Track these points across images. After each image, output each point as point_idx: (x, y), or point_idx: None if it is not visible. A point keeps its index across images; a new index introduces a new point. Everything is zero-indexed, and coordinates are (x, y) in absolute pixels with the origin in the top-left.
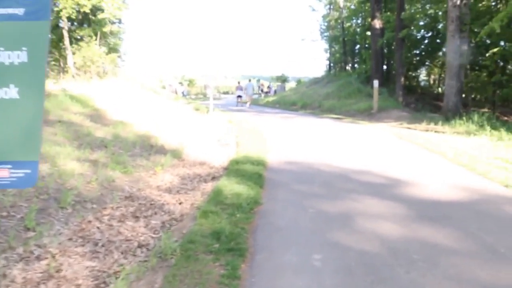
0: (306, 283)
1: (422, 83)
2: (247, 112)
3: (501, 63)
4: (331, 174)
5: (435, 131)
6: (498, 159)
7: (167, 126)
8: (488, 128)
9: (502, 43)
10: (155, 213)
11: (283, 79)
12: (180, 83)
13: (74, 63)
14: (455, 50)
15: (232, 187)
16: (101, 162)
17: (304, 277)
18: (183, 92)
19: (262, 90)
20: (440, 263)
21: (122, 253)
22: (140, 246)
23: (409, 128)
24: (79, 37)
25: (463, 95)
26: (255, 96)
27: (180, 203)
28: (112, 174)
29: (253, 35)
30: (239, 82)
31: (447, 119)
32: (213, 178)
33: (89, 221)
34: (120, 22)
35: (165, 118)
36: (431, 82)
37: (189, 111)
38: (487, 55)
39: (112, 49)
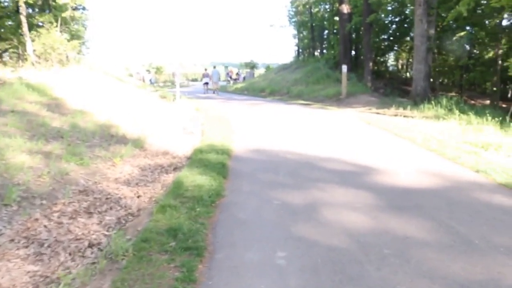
0: (269, 286)
1: (391, 68)
2: (215, 99)
3: (468, 47)
4: (297, 162)
5: (404, 116)
6: (467, 143)
7: (131, 114)
8: (456, 112)
9: (467, 28)
10: (111, 208)
11: (252, 66)
12: (148, 70)
13: (34, 50)
14: (422, 34)
15: (194, 178)
16: (55, 154)
17: (266, 278)
18: (150, 80)
19: (230, 77)
20: (412, 258)
21: (70, 254)
22: (91, 245)
23: (378, 113)
24: (40, 24)
25: (431, 80)
26: (224, 83)
27: (138, 197)
28: (67, 166)
29: (222, 22)
30: (205, 69)
31: (415, 104)
32: (175, 169)
33: (36, 219)
34: (84, 8)
35: (129, 106)
36: (400, 67)
37: (155, 99)
38: (454, 38)
39: (75, 36)
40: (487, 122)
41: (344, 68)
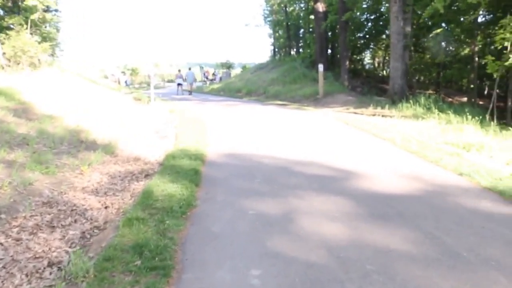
0: None
1: (367, 67)
2: (190, 101)
3: (444, 45)
4: (274, 167)
5: (382, 115)
6: (448, 144)
7: (102, 118)
8: (435, 111)
9: (443, 25)
10: (75, 221)
11: (228, 66)
12: (123, 72)
13: (4, 53)
14: (398, 31)
15: (165, 186)
16: (19, 163)
17: None
18: (126, 82)
19: (207, 78)
20: (397, 275)
21: (26, 275)
22: (50, 264)
23: (355, 113)
24: (11, 26)
25: (408, 77)
26: (200, 84)
27: (105, 208)
28: (31, 176)
29: (197, 22)
30: (179, 70)
31: (393, 102)
32: (147, 176)
33: None
34: (56, 10)
35: (101, 110)
36: (376, 65)
37: (129, 102)
38: (430, 35)
39: (47, 38)
40: (467, 121)
41: (321, 67)
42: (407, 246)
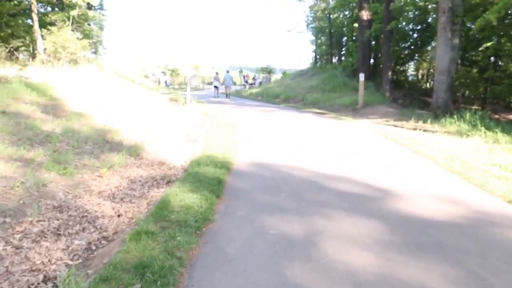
0: None
1: (410, 78)
2: (226, 104)
3: (493, 59)
4: (303, 180)
5: (424, 130)
6: (495, 165)
7: (133, 119)
8: (482, 128)
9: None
10: (83, 230)
11: (268, 71)
12: (163, 72)
13: (45, 49)
14: (446, 43)
15: (184, 196)
16: (36, 162)
17: None
18: (166, 82)
19: (246, 82)
20: None
21: None
22: (46, 280)
23: (395, 125)
24: (54, 22)
25: (453, 92)
26: (239, 88)
27: (118, 216)
28: (47, 176)
29: (240, 26)
30: (216, 73)
31: (436, 117)
32: (169, 182)
33: None
34: (101, 8)
35: (133, 110)
36: (420, 77)
37: (165, 103)
38: (480, 49)
39: (89, 36)
40: None
41: (362, 76)
42: (447, 287)
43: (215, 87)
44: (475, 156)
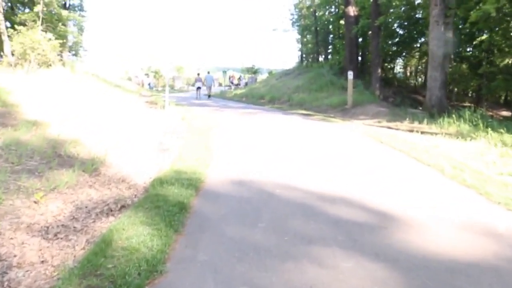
0: None
1: (398, 75)
2: (208, 107)
3: (486, 54)
4: (288, 202)
5: (422, 132)
6: None
7: (100, 126)
8: (487, 129)
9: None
10: None
11: (254, 71)
12: (146, 74)
13: (13, 51)
14: (439, 37)
15: (132, 232)
16: None
17: None
18: (149, 84)
19: (232, 82)
20: None
21: None
22: None
23: (389, 127)
24: (23, 22)
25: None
26: (224, 89)
27: (42, 262)
28: None
29: (224, 26)
30: (198, 74)
31: (431, 116)
32: (122, 208)
33: None
34: (81, 9)
35: (103, 116)
36: (408, 74)
37: (142, 107)
38: (474, 43)
39: (62, 37)
40: None
41: (350, 74)
42: None
43: (198, 88)
44: (486, 163)
